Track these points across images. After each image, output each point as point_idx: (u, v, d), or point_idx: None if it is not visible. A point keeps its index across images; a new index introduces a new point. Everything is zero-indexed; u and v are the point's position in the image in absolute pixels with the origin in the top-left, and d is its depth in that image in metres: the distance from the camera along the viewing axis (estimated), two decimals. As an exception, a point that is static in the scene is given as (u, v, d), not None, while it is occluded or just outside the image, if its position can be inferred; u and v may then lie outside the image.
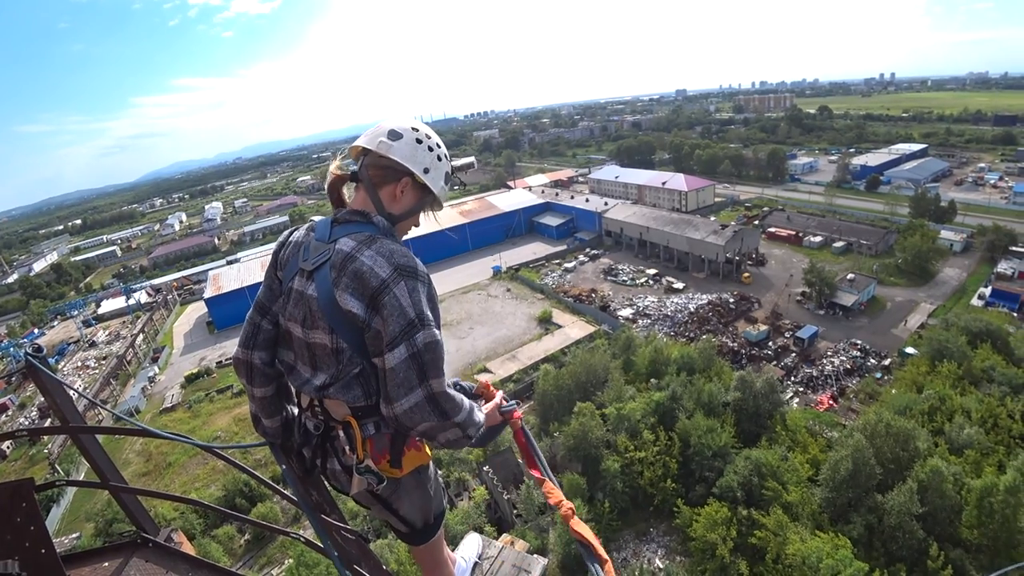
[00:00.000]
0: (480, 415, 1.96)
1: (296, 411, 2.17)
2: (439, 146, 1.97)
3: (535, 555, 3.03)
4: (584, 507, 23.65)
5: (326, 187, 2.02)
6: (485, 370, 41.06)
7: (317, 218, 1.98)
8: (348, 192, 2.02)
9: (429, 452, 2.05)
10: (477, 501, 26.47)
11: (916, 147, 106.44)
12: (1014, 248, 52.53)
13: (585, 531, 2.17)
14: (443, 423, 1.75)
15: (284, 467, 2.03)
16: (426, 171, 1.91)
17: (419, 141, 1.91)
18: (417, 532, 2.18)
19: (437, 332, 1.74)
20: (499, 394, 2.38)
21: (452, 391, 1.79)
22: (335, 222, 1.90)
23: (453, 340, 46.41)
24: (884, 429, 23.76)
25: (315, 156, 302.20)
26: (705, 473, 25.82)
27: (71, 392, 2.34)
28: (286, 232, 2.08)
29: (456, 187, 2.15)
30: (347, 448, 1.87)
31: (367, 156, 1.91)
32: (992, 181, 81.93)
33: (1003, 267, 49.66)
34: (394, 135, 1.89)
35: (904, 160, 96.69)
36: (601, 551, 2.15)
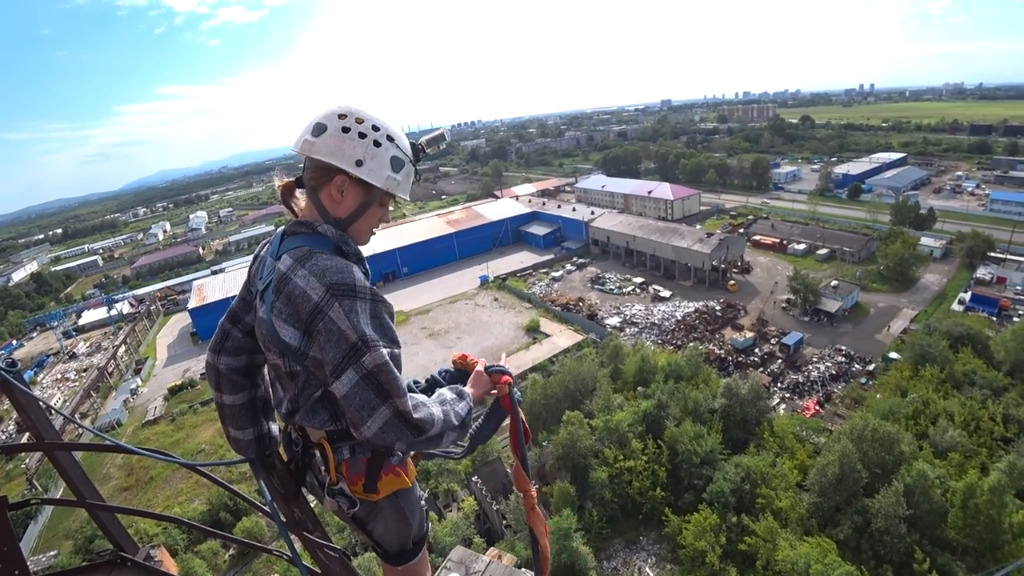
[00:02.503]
0: (463, 404, 1.79)
1: (275, 428, 2.11)
2: (377, 129, 1.66)
3: (523, 569, 3.00)
4: (574, 516, 23.55)
5: (281, 202, 1.84)
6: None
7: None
8: (298, 201, 1.84)
9: (409, 477, 1.89)
10: (466, 512, 26.28)
11: (896, 156, 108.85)
12: (992, 254, 53.78)
13: (538, 525, 2.19)
14: (419, 438, 1.60)
15: (263, 485, 1.96)
16: (359, 163, 1.62)
17: (346, 130, 1.62)
18: (393, 555, 2.05)
19: (385, 352, 1.53)
20: (481, 361, 2.06)
21: (421, 401, 1.65)
22: (285, 235, 1.72)
23: (440, 350, 46.36)
24: (870, 433, 24.01)
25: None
26: (694, 481, 25.85)
27: (46, 408, 2.28)
28: (261, 244, 1.93)
29: (417, 179, 1.84)
30: (323, 468, 1.79)
31: (307, 158, 1.69)
32: (969, 189, 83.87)
33: (982, 272, 50.66)
34: (318, 129, 1.63)
35: (884, 169, 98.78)
36: (547, 551, 2.25)
